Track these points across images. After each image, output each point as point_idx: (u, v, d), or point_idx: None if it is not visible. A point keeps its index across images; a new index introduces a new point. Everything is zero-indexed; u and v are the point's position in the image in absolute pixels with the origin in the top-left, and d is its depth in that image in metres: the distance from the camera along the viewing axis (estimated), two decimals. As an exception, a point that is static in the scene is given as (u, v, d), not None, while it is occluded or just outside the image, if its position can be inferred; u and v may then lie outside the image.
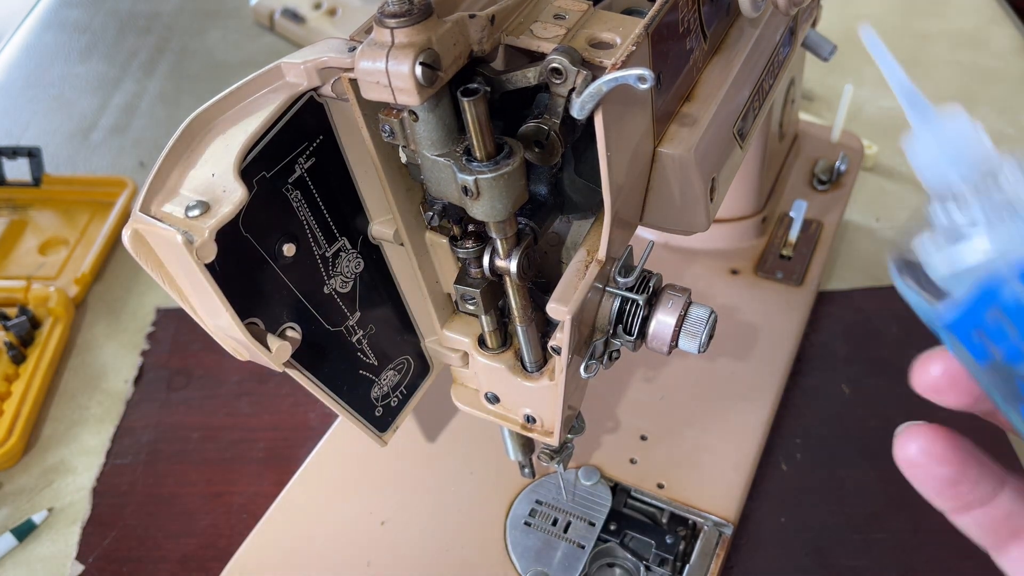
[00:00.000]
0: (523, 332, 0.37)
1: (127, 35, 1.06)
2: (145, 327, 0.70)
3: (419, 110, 0.29)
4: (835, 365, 0.63)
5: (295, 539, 0.53)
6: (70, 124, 0.92)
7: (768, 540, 0.54)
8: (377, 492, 0.56)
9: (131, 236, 0.29)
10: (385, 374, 0.41)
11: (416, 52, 0.27)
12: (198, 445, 0.62)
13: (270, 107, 0.31)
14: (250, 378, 0.66)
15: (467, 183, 0.29)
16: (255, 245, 0.32)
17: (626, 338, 0.37)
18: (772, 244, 0.69)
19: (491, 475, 0.55)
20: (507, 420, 0.42)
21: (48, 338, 0.68)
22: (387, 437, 0.43)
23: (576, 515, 0.53)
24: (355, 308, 0.38)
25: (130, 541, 0.57)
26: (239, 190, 0.29)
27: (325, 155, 0.33)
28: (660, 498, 0.54)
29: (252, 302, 0.32)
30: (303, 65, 0.31)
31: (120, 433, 0.63)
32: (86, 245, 0.76)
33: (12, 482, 0.60)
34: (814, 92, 0.88)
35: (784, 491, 0.56)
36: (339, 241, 0.36)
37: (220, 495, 0.59)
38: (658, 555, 0.51)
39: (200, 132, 0.31)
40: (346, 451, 0.58)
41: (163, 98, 0.96)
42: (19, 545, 0.57)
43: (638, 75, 0.26)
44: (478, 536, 0.53)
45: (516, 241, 0.33)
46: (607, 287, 0.37)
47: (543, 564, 0.51)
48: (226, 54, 1.02)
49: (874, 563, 0.52)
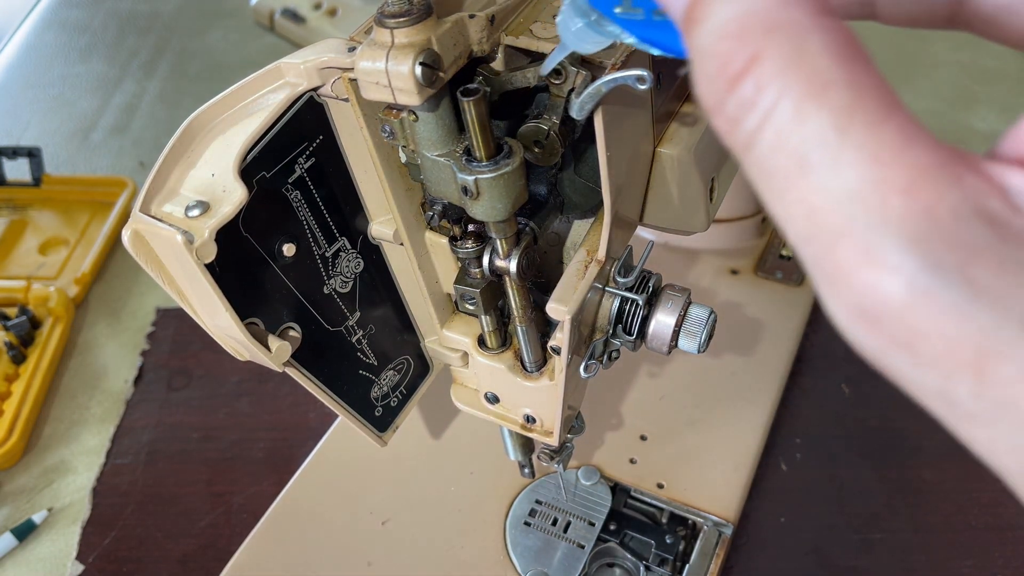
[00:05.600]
0: (523, 332, 0.37)
1: (127, 35, 1.06)
2: (145, 327, 0.70)
3: (419, 110, 0.29)
4: (835, 365, 0.63)
5: (295, 539, 0.53)
6: (70, 124, 0.92)
7: (768, 540, 0.54)
8: (377, 492, 0.56)
9: (131, 236, 0.29)
10: (385, 374, 0.41)
11: (416, 52, 0.27)
12: (198, 445, 0.62)
13: (270, 107, 0.31)
14: (250, 378, 0.66)
15: (467, 183, 0.29)
16: (255, 245, 0.32)
17: (626, 338, 0.37)
18: (772, 244, 0.69)
19: (491, 475, 0.55)
20: (507, 420, 0.42)
21: (48, 338, 0.68)
22: (387, 437, 0.43)
23: (576, 515, 0.53)
24: (355, 308, 0.38)
25: (130, 541, 0.57)
26: (239, 190, 0.29)
27: (325, 155, 0.33)
28: (660, 498, 0.54)
29: (252, 302, 0.32)
30: (303, 65, 0.31)
31: (120, 433, 0.63)
32: (86, 245, 0.76)
33: (12, 482, 0.60)
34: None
35: (784, 491, 0.56)
36: (339, 241, 0.36)
37: (220, 495, 0.59)
38: (658, 555, 0.51)
39: (200, 132, 0.31)
40: (346, 451, 0.58)
41: (163, 98, 0.96)
42: (19, 545, 0.57)
43: (637, 75, 0.26)
44: (478, 536, 0.53)
45: (516, 241, 0.33)
46: (607, 287, 0.37)
47: (543, 564, 0.51)
48: (226, 54, 1.02)
49: (874, 563, 0.52)
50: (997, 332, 0.15)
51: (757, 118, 0.16)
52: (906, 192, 0.15)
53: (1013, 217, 0.15)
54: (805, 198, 0.16)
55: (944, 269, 0.15)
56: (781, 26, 0.16)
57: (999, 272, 0.15)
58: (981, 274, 0.15)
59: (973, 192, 0.15)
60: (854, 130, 0.15)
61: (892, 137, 0.15)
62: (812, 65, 0.16)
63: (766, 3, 0.16)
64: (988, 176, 0.16)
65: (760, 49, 0.16)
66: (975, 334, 0.15)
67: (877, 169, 0.15)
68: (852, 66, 0.16)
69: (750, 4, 0.17)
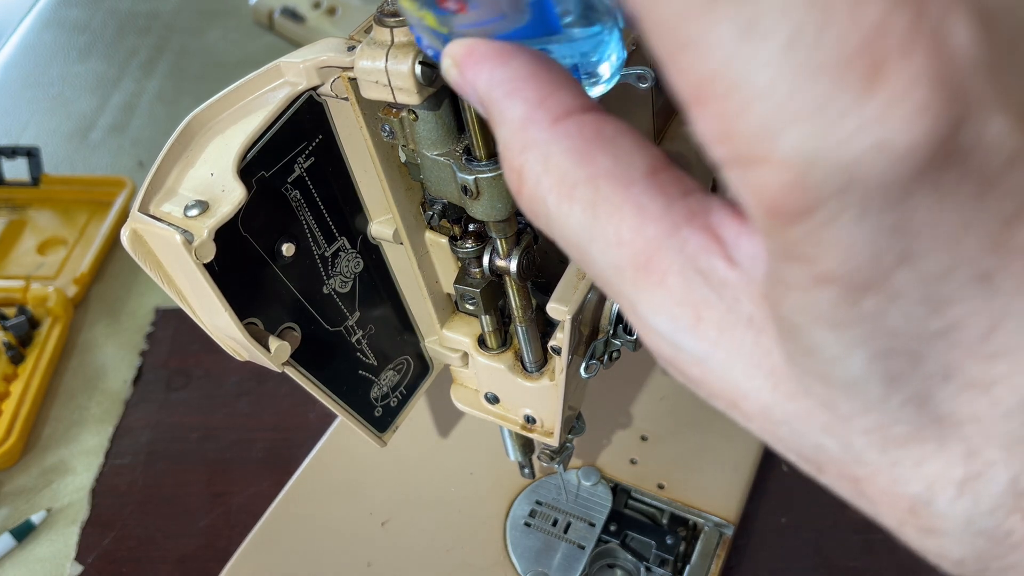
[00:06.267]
0: (523, 332, 0.37)
1: (126, 34, 1.06)
2: (144, 327, 0.70)
3: (419, 109, 0.29)
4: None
5: (295, 540, 0.53)
6: (69, 124, 0.92)
7: (769, 541, 0.54)
8: (377, 492, 0.56)
9: (130, 236, 0.29)
10: (385, 374, 0.41)
11: (416, 51, 0.27)
12: (197, 445, 0.62)
13: (269, 107, 0.30)
14: (249, 378, 0.65)
15: (467, 182, 0.29)
16: (254, 245, 0.32)
17: (627, 338, 0.37)
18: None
19: (491, 475, 0.55)
20: (507, 420, 0.42)
21: (47, 338, 0.67)
22: (387, 437, 0.43)
23: (576, 516, 0.53)
24: (354, 308, 0.38)
25: (129, 541, 0.57)
26: (238, 190, 0.29)
27: (324, 155, 0.33)
28: (660, 498, 0.54)
29: (251, 302, 0.32)
30: (302, 64, 0.30)
31: (119, 433, 0.63)
32: (85, 245, 0.76)
33: (11, 482, 0.60)
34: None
35: (785, 491, 0.56)
36: (338, 241, 0.36)
37: (220, 495, 0.59)
38: (658, 556, 0.51)
39: (199, 131, 0.31)
40: (346, 451, 0.58)
41: (162, 97, 0.95)
42: (18, 545, 0.57)
43: (638, 74, 0.26)
44: (478, 537, 0.53)
45: (516, 241, 0.33)
46: (607, 287, 0.36)
47: (543, 565, 0.51)
48: (225, 53, 1.02)
49: (875, 564, 0.52)
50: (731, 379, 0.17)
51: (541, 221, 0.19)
52: (645, 267, 0.17)
53: (722, 269, 0.17)
54: (594, 276, 0.19)
55: (684, 330, 0.17)
56: (529, 145, 0.18)
57: (718, 325, 0.17)
58: (707, 328, 0.17)
59: (693, 252, 0.17)
60: (601, 219, 0.18)
61: (629, 218, 0.17)
62: (558, 171, 0.18)
63: (514, 128, 0.19)
64: (712, 230, 0.17)
65: (519, 167, 0.19)
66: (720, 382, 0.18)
67: (621, 251, 0.18)
68: (589, 161, 0.18)
69: (506, 130, 0.19)
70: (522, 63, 0.19)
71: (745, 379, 0.17)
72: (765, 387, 0.17)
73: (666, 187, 0.18)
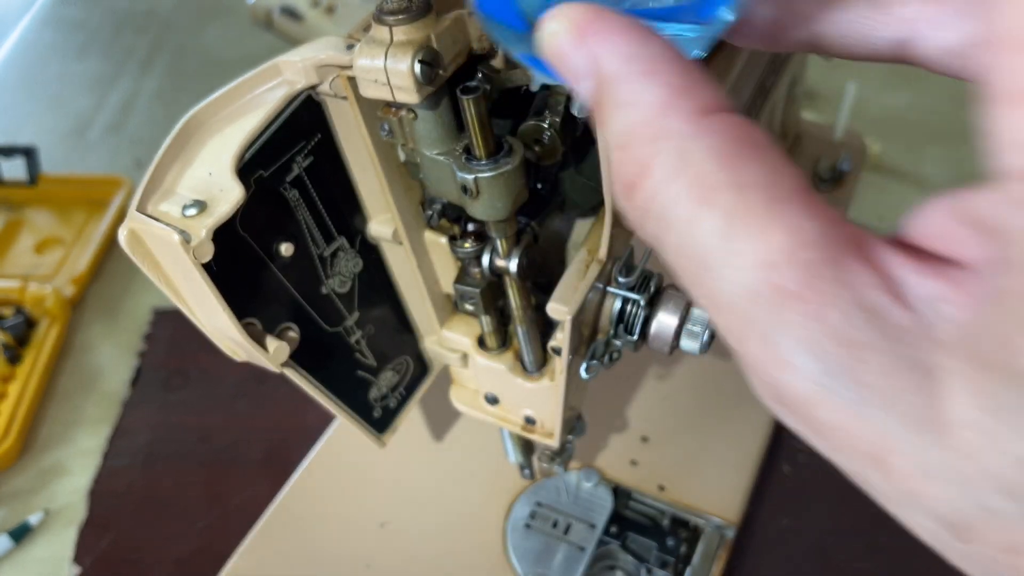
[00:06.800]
0: (523, 332, 0.37)
1: (124, 33, 1.06)
2: (142, 328, 0.70)
3: (418, 108, 0.29)
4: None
5: (293, 541, 0.53)
6: (66, 123, 0.92)
7: (770, 543, 0.54)
8: (376, 494, 0.55)
9: (127, 236, 0.29)
10: (384, 375, 0.41)
11: (415, 50, 0.27)
12: (195, 446, 0.61)
13: (267, 106, 0.30)
14: (248, 379, 0.65)
15: (467, 182, 0.29)
16: (252, 245, 0.31)
17: (627, 338, 0.37)
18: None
19: (491, 477, 0.55)
20: (507, 421, 0.42)
21: (44, 338, 0.67)
22: (386, 438, 0.42)
23: (577, 517, 0.52)
24: (353, 308, 0.37)
25: (127, 543, 0.56)
26: (236, 189, 0.29)
27: (323, 154, 0.33)
28: (661, 500, 0.53)
29: (249, 302, 0.32)
30: (301, 63, 0.30)
31: (117, 434, 0.63)
32: (82, 245, 0.75)
33: (8, 484, 0.60)
34: (816, 90, 0.88)
35: (786, 493, 0.56)
36: (337, 241, 0.35)
37: (218, 497, 0.58)
38: (659, 557, 0.51)
39: (197, 131, 0.30)
40: (345, 452, 0.57)
41: (160, 96, 0.95)
42: (15, 547, 0.56)
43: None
44: (478, 538, 0.53)
45: (516, 240, 0.33)
46: (608, 287, 0.36)
47: (543, 566, 0.50)
48: (223, 52, 1.01)
49: (877, 566, 0.52)
50: (885, 430, 0.15)
51: (654, 225, 0.17)
52: (798, 297, 0.15)
53: (895, 310, 0.15)
54: (711, 296, 0.17)
55: (837, 371, 0.15)
56: (665, 135, 0.16)
57: (882, 371, 0.15)
58: (867, 373, 0.15)
59: (860, 288, 0.15)
60: (744, 233, 0.16)
61: (780, 238, 0.15)
62: (697, 171, 0.16)
63: (648, 114, 0.17)
64: (878, 265, 0.16)
65: (647, 159, 0.17)
66: (870, 432, 0.15)
67: (767, 273, 0.16)
68: (738, 166, 0.16)
69: (636, 115, 0.17)
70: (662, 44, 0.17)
71: (903, 431, 0.15)
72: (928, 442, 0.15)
73: (821, 210, 0.16)
